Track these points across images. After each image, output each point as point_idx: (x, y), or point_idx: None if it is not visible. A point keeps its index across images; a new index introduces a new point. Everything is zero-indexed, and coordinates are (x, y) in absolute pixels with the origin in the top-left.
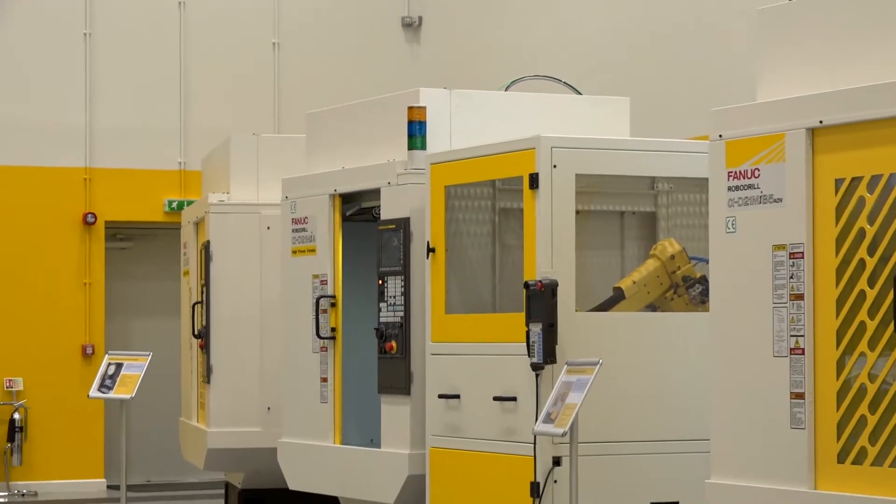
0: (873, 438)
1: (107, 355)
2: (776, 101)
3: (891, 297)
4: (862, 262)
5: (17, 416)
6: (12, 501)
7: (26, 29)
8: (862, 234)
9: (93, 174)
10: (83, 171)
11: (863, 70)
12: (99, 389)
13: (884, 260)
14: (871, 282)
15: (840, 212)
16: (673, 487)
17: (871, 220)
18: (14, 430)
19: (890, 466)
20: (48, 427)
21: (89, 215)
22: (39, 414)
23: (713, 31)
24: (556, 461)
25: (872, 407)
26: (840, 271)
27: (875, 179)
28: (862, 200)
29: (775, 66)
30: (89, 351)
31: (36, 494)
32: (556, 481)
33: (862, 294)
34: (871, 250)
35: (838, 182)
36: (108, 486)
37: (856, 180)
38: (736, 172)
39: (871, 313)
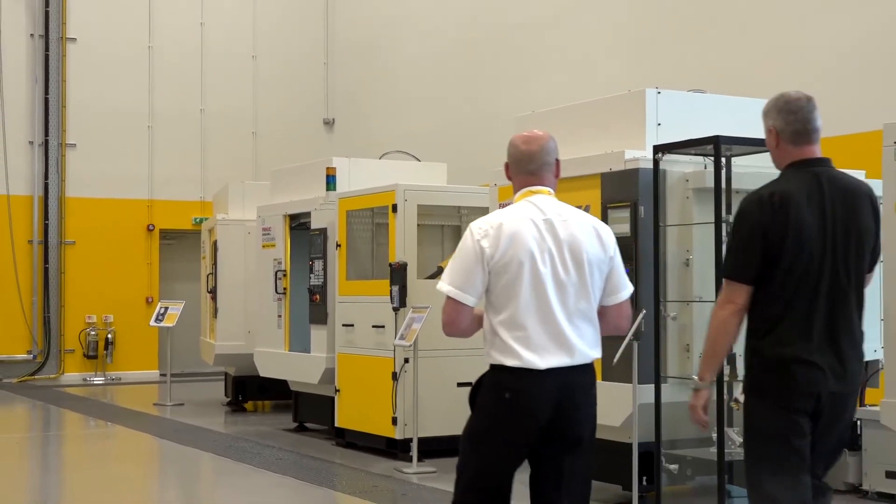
0: None
1: (160, 302)
2: None
3: None
4: None
5: (109, 335)
6: (107, 382)
7: (114, 123)
8: None
9: (153, 203)
10: (147, 201)
11: (570, 152)
12: (155, 321)
13: None
14: None
15: None
16: (470, 375)
17: None
18: (108, 343)
19: None
20: (127, 341)
21: (150, 226)
22: (122, 334)
23: (495, 126)
24: (406, 360)
25: None
26: None
27: (581, 207)
28: None
29: None
30: (150, 300)
31: (120, 379)
32: (406, 371)
33: None
34: None
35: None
36: (160, 374)
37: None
38: (502, 205)
39: None
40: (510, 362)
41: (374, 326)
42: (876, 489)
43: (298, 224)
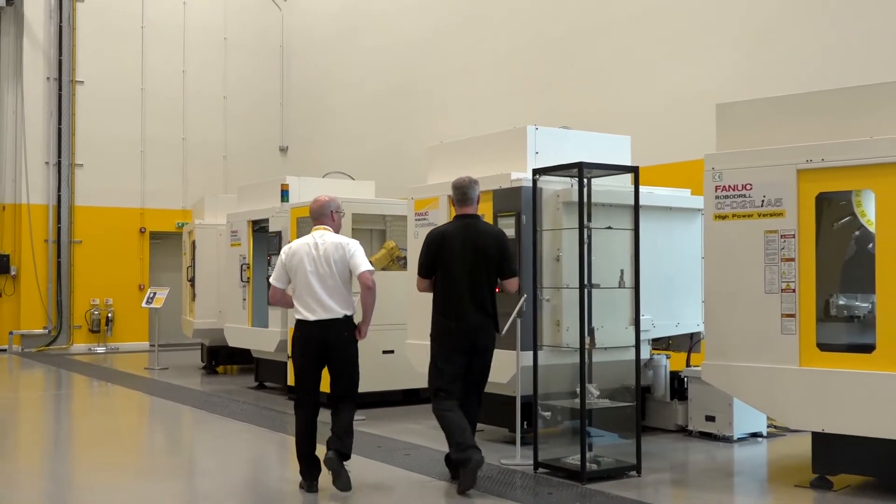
0: None
1: (150, 288)
2: (434, 184)
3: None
4: None
5: (109, 314)
6: (108, 351)
7: (113, 148)
8: None
9: (144, 210)
10: (140, 209)
11: (469, 173)
12: (146, 303)
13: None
14: None
15: None
16: (392, 344)
17: None
18: (108, 320)
19: None
20: (123, 318)
21: (142, 228)
22: (119, 313)
23: (412, 153)
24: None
25: None
26: None
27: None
28: None
29: (434, 169)
30: (142, 286)
31: (117, 349)
32: None
33: None
34: None
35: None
36: (150, 345)
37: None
38: (419, 214)
39: None
40: (299, 317)
41: None
42: (698, 429)
43: (259, 228)
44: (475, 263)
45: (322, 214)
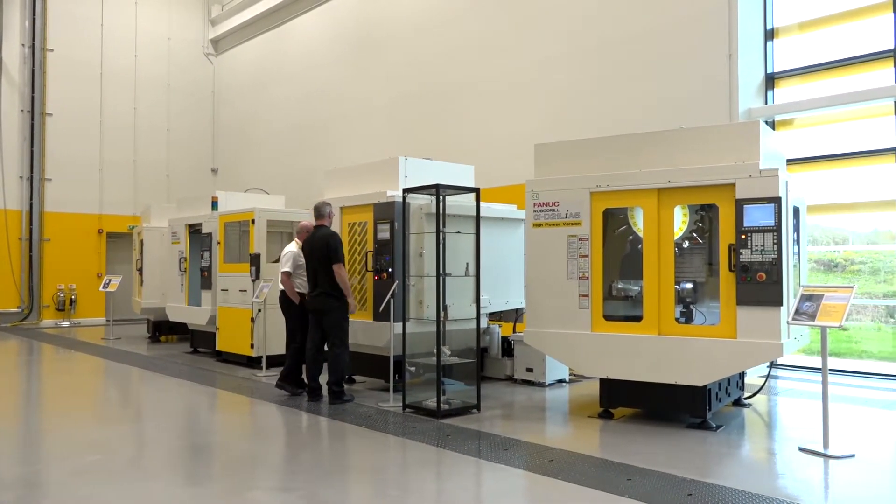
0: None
1: (106, 276)
2: (329, 198)
3: (369, 259)
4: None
5: (73, 296)
6: (71, 326)
7: (77, 167)
8: (363, 242)
9: (102, 216)
10: (98, 215)
11: (358, 190)
12: (102, 287)
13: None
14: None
15: (350, 232)
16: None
17: (361, 238)
18: (72, 301)
19: (365, 308)
20: (84, 299)
21: (100, 230)
22: (82, 295)
23: (313, 175)
24: (259, 310)
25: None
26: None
27: (360, 224)
28: (356, 230)
29: (330, 187)
30: (100, 275)
31: (79, 323)
32: (258, 316)
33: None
34: (361, 244)
35: (350, 225)
36: (106, 320)
37: (355, 224)
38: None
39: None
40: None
41: (240, 290)
42: (521, 378)
43: (194, 230)
44: (316, 257)
45: (297, 233)
